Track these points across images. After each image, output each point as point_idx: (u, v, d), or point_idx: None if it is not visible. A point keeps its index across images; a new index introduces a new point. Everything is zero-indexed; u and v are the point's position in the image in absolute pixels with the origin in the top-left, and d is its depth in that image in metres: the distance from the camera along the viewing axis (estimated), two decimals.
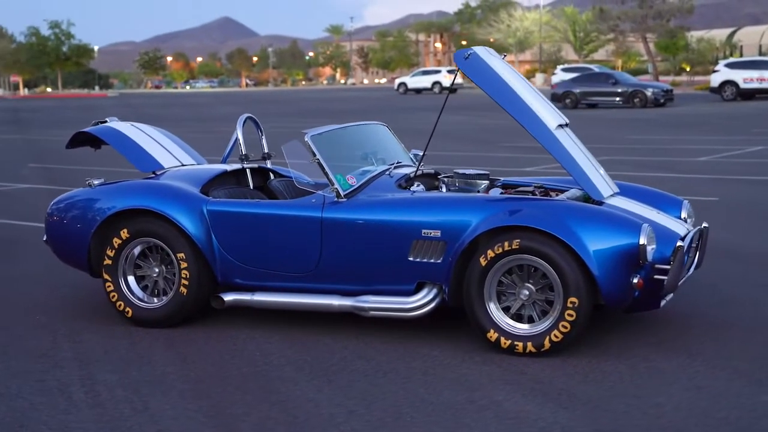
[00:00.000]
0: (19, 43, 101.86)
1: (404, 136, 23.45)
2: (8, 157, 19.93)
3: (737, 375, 4.86)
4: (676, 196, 6.29)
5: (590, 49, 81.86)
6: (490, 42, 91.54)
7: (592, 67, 50.17)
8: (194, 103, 53.51)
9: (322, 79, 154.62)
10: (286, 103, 50.46)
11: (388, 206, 5.56)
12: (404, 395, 4.64)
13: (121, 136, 6.58)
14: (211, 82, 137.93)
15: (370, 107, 41.87)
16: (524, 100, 5.75)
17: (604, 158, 16.89)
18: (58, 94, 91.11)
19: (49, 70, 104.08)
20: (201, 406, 4.51)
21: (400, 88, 63.27)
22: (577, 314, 5.09)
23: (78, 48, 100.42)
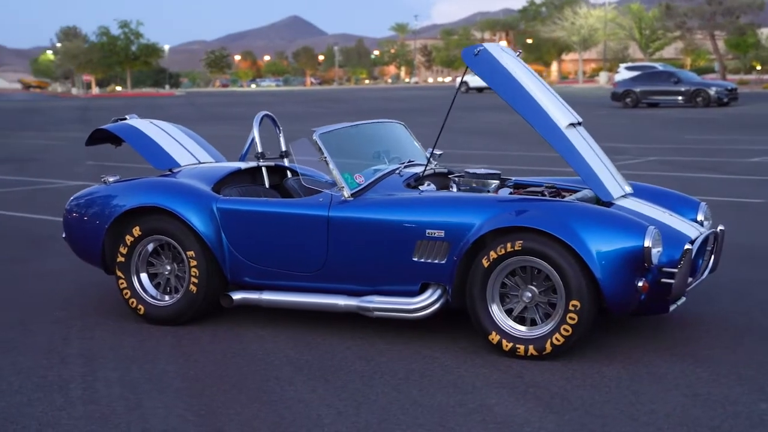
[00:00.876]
0: (92, 43, 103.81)
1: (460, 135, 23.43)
2: (69, 155, 20.31)
3: (740, 382, 4.74)
4: (693, 197, 6.16)
5: (656, 47, 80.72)
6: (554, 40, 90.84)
7: (656, 66, 49.47)
8: (257, 102, 53.95)
9: (387, 78, 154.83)
10: (347, 101, 50.64)
11: (393, 206, 5.54)
12: (396, 397, 4.62)
13: (139, 133, 6.66)
14: (276, 81, 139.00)
15: (429, 106, 41.80)
16: (535, 98, 5.67)
17: (653, 158, 16.68)
18: (127, 93, 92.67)
19: (119, 69, 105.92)
20: (192, 405, 4.54)
21: (462, 87, 63.01)
22: (579, 318, 5.02)
23: (146, 47, 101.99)
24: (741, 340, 5.47)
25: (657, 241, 5.07)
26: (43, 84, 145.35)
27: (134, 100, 63.15)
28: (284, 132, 7.09)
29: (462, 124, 27.88)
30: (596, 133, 24.82)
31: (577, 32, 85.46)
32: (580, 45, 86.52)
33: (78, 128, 31.27)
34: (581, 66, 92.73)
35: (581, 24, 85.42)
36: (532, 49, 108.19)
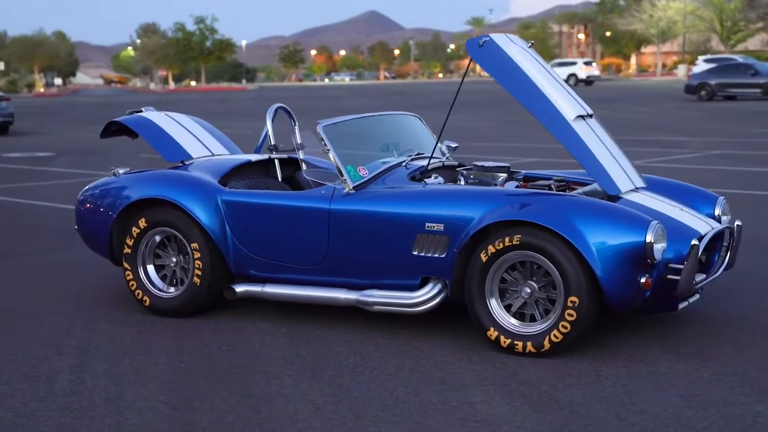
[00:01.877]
0: (169, 39, 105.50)
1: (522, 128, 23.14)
2: (129, 149, 20.49)
3: (742, 383, 4.52)
4: (711, 192, 5.91)
5: (738, 39, 78.77)
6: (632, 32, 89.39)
7: (736, 58, 48.21)
8: (329, 96, 54.13)
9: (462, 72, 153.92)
10: (415, 95, 50.54)
11: (393, 199, 5.42)
12: (380, 393, 4.50)
13: (152, 125, 6.64)
14: (350, 75, 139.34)
15: (493, 99, 41.44)
16: (542, 90, 5.49)
17: (715, 152, 16.24)
18: (201, 87, 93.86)
19: (194, 64, 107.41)
20: (172, 398, 4.47)
21: (571, 80, 62.31)
22: (578, 314, 4.84)
23: (221, 43, 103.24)
24: (754, 341, 5.23)
25: (660, 236, 4.87)
26: (124, 79, 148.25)
27: (205, 95, 63.93)
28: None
29: (520, 116, 27.56)
30: (662, 126, 24.49)
31: (656, 25, 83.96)
32: (658, 38, 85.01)
33: None
34: (659, 59, 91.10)
35: (659, 16, 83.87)
36: (610, 42, 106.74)
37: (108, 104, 50.66)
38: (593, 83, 60.25)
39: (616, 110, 30.46)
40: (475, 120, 27.56)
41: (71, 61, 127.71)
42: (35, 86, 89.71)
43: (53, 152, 19.65)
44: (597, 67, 69.07)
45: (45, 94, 79.33)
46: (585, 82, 59.92)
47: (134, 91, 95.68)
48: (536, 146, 18.07)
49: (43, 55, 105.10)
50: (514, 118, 27.56)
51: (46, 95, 76.42)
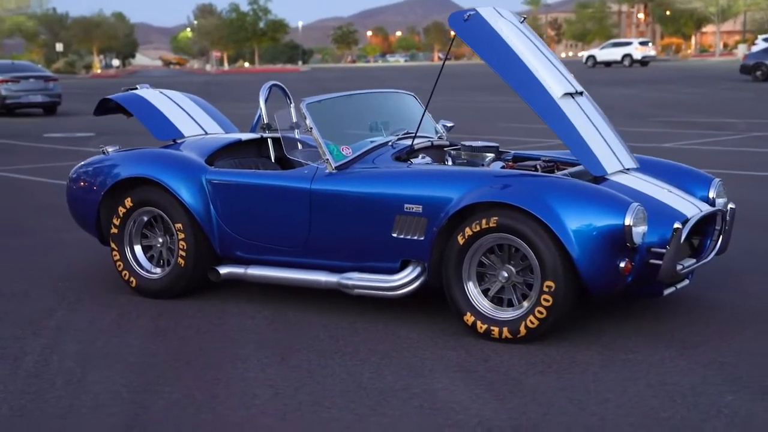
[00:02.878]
0: (223, 20, 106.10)
1: None
2: None
3: (718, 372, 4.36)
4: (707, 173, 5.70)
5: None
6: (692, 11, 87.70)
7: None
8: (374, 77, 53.89)
9: None
10: (462, 77, 50.11)
11: (373, 179, 5.30)
12: (344, 379, 4.40)
13: (144, 103, 6.59)
14: (404, 56, 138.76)
15: None
16: (528, 66, 5.33)
17: (757, 134, 15.85)
18: (254, 69, 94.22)
19: (248, 45, 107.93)
20: (133, 381, 4.42)
21: (589, 61, 61.57)
22: (554, 300, 4.70)
23: (273, 23, 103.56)
24: (742, 328, 5.04)
25: (641, 219, 4.70)
26: (182, 61, 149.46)
27: (256, 76, 63.98)
28: None
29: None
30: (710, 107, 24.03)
31: (715, 2, 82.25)
32: (718, 16, 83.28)
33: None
34: (719, 38, 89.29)
35: None
36: (669, 21, 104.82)
37: (159, 85, 51.04)
38: (648, 63, 59.21)
39: (666, 91, 29.96)
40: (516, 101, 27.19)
41: (130, 43, 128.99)
42: (93, 67, 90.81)
43: (94, 132, 19.80)
44: (653, 47, 67.89)
45: (102, 75, 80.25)
46: (640, 63, 58.93)
47: (190, 72, 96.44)
48: None
49: (101, 37, 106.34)
50: None
51: (102, 76, 77.27)
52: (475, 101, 29.36)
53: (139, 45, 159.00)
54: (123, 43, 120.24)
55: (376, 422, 3.89)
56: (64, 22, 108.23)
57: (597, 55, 61.38)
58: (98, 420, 3.96)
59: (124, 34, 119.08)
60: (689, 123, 18.53)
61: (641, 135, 16.21)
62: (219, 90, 40.75)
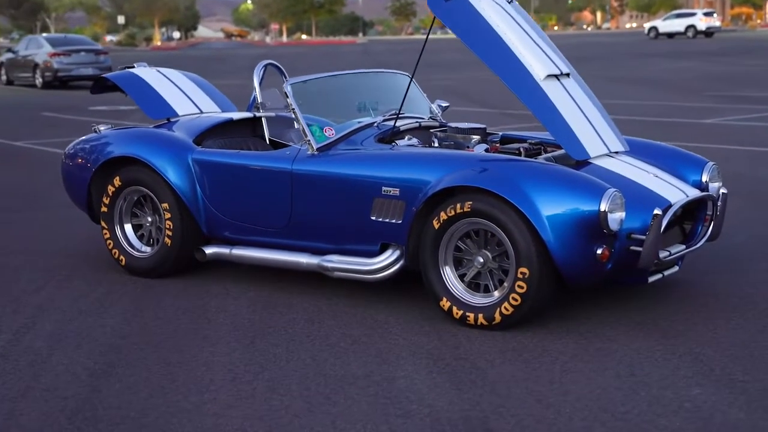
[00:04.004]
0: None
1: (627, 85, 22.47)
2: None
3: (692, 363, 4.20)
4: (701, 157, 5.49)
5: None
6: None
7: None
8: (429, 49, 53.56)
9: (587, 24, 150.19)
10: None
11: (352, 161, 5.21)
12: (308, 364, 4.33)
13: (138, 82, 6.55)
14: None
15: (599, 54, 40.23)
16: (510, 47, 5.17)
17: None
18: (311, 41, 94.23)
19: (305, 17, 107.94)
20: (96, 363, 4.39)
21: (651, 33, 60.22)
22: (529, 286, 4.57)
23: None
24: (728, 318, 4.86)
25: (618, 205, 4.53)
26: (243, 33, 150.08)
27: (312, 48, 64.01)
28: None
29: (633, 72, 26.67)
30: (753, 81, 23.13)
31: None
32: None
33: (247, 77, 31.85)
34: None
35: None
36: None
37: (217, 57, 51.32)
38: (713, 35, 57.82)
39: (727, 64, 29.23)
40: None
41: (191, 15, 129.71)
42: (153, 40, 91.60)
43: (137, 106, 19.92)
44: (718, 18, 66.32)
45: (162, 47, 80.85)
46: (705, 34, 57.57)
47: (250, 44, 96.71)
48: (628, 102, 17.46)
49: (162, 9, 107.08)
50: (614, 74, 26.69)
51: (162, 48, 77.85)
52: None
53: (201, 17, 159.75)
54: (184, 16, 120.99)
55: (326, 411, 3.81)
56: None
57: (659, 27, 59.99)
58: (49, 403, 3.94)
59: (185, 7, 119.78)
60: (743, 97, 18.03)
61: (686, 110, 15.85)
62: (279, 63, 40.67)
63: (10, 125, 16.22)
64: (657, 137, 12.18)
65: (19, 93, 25.40)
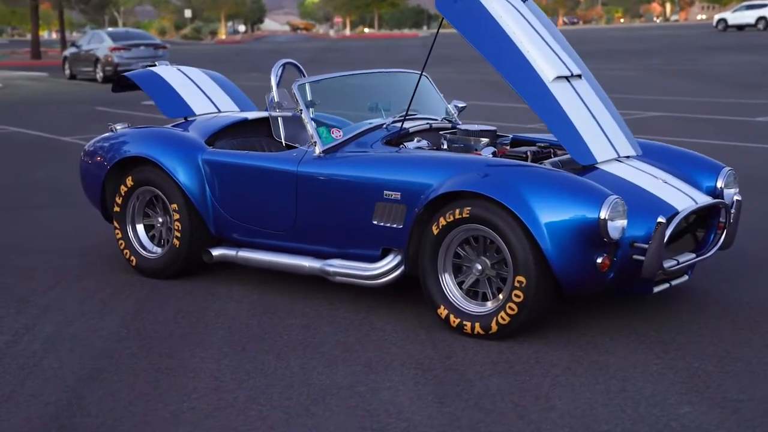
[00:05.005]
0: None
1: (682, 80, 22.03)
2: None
3: (688, 379, 4.06)
4: (717, 162, 5.30)
5: None
6: None
7: None
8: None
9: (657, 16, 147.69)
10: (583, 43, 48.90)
11: (355, 164, 5.13)
12: (295, 373, 4.26)
13: (157, 80, 6.55)
14: None
15: (663, 46, 39.54)
16: (519, 48, 5.04)
17: None
18: (373, 34, 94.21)
19: (367, 10, 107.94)
20: (86, 368, 4.36)
21: (719, 25, 58.90)
22: (526, 296, 4.45)
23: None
24: (737, 331, 4.68)
25: (619, 212, 4.39)
26: (309, 26, 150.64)
27: (374, 41, 63.99)
28: None
29: (695, 66, 26.16)
30: None
31: None
32: None
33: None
34: None
35: None
36: None
37: (279, 50, 51.51)
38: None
39: None
40: (629, 69, 26.37)
41: (257, 8, 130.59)
42: (218, 34, 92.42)
43: None
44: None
45: (226, 41, 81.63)
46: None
47: (314, 37, 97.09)
48: (681, 98, 17.12)
49: (229, 3, 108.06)
50: (683, 67, 26.20)
51: (227, 42, 78.62)
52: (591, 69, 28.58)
53: (267, 10, 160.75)
54: (250, 9, 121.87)
55: (302, 424, 3.74)
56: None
57: (728, 18, 58.63)
58: (30, 409, 3.93)
59: (251, 0, 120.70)
60: None
61: (740, 106, 15.47)
62: (334, 57, 40.84)
63: (63, 120, 16.44)
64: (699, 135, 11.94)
65: (79, 87, 25.76)
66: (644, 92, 19.02)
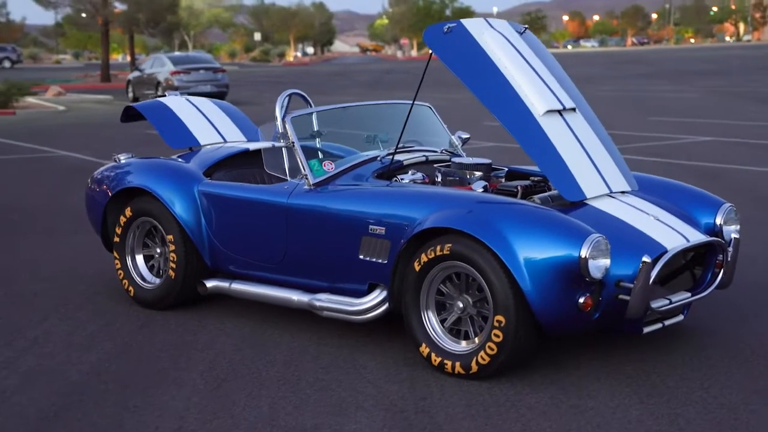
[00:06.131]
0: (413, 7, 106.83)
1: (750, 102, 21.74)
2: None
3: (668, 426, 3.88)
4: (718, 198, 5.08)
5: None
6: None
7: None
8: None
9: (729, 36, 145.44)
10: (645, 63, 48.20)
11: (343, 198, 5.03)
12: (261, 413, 4.15)
13: (164, 111, 6.52)
14: (592, 41, 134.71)
15: (730, 68, 38.80)
16: (509, 81, 4.91)
17: None
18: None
19: None
20: (55, 404, 4.29)
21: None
22: (505, 336, 4.29)
23: (460, 11, 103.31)
24: (729, 375, 4.46)
25: (601, 251, 4.21)
26: (378, 47, 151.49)
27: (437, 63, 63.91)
28: None
29: (760, 89, 25.59)
30: None
31: None
32: None
33: (362, 92, 32.04)
34: None
35: None
36: None
37: (342, 72, 51.87)
38: None
39: None
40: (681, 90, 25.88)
41: (326, 30, 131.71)
42: (286, 56, 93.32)
43: None
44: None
45: (293, 63, 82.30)
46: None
47: (382, 58, 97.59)
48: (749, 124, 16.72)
49: (298, 25, 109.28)
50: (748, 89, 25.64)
51: (294, 64, 79.25)
52: (646, 90, 28.23)
53: (337, 32, 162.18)
54: (320, 31, 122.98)
55: None
56: (270, 12, 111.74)
57: None
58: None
59: (320, 23, 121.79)
60: None
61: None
62: (396, 79, 40.89)
63: (113, 144, 16.57)
64: (753, 161, 11.60)
65: None
66: (701, 115, 18.67)
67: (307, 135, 5.62)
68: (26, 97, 27.86)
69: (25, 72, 53.55)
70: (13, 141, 17.03)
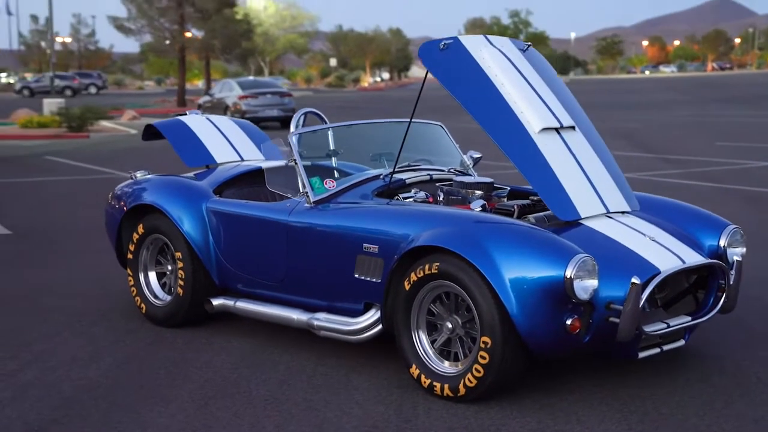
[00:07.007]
0: (492, 32, 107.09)
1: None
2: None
3: None
4: (723, 219, 4.91)
5: None
6: None
7: None
8: (626, 90, 52.16)
9: None
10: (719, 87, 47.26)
11: (340, 216, 4.99)
12: (241, 429, 4.13)
13: (183, 129, 6.55)
14: (671, 67, 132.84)
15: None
16: (505, 98, 4.82)
17: None
18: None
19: None
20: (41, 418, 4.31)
21: None
22: (491, 357, 4.19)
23: (534, 36, 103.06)
24: (732, 400, 4.29)
25: (588, 271, 4.09)
26: None
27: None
28: None
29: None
30: None
31: None
32: None
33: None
34: None
35: None
36: None
37: (412, 98, 51.89)
38: None
39: None
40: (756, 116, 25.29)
41: (403, 56, 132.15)
42: (360, 81, 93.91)
43: None
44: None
45: (368, 88, 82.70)
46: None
47: None
48: None
49: (374, 51, 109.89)
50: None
51: (368, 89, 79.63)
52: (718, 115, 27.68)
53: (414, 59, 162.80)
54: (396, 57, 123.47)
55: None
56: (345, 37, 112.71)
57: None
58: None
59: (397, 49, 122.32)
60: None
61: None
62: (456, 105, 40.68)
63: (165, 166, 16.80)
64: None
65: None
66: (755, 139, 18.22)
67: (317, 153, 5.60)
68: (101, 121, 28.43)
69: (107, 98, 54.71)
70: (78, 162, 17.38)
